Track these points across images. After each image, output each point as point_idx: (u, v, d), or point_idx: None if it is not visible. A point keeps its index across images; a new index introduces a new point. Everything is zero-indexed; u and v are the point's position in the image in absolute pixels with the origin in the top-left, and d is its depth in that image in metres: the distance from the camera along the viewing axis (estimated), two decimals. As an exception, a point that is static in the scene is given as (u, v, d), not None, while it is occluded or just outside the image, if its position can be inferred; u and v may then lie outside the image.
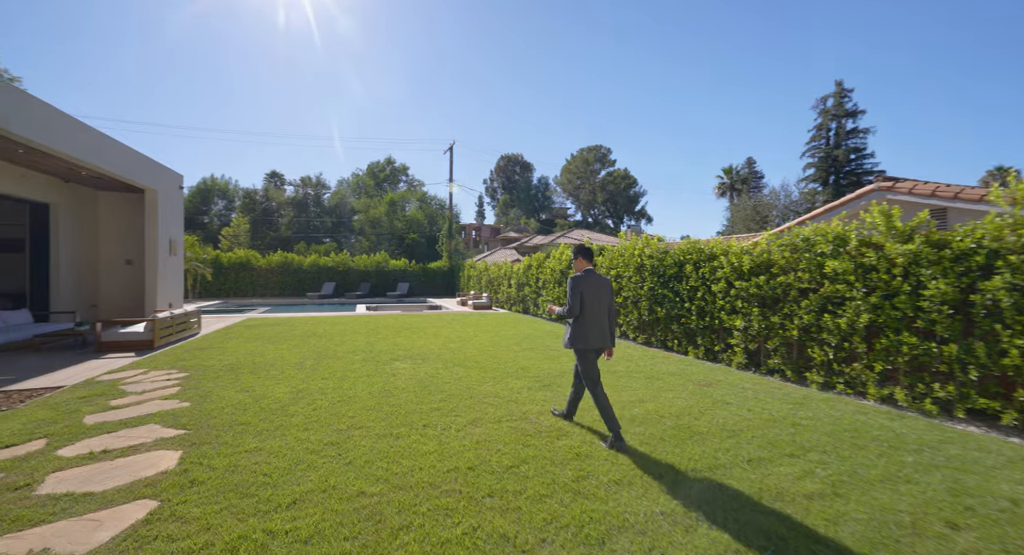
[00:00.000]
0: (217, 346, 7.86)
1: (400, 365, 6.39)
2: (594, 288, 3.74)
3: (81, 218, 11.03)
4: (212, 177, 48.82)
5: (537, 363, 6.58)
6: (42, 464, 3.02)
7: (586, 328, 3.72)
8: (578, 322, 3.74)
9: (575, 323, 3.76)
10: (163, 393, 4.82)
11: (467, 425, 3.92)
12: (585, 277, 3.77)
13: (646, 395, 4.93)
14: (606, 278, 3.90)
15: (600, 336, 3.76)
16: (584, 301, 3.70)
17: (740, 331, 6.48)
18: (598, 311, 3.76)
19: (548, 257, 13.82)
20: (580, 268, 3.91)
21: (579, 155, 69.99)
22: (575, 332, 3.75)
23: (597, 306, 3.75)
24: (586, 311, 3.71)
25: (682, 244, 7.96)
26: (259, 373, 5.80)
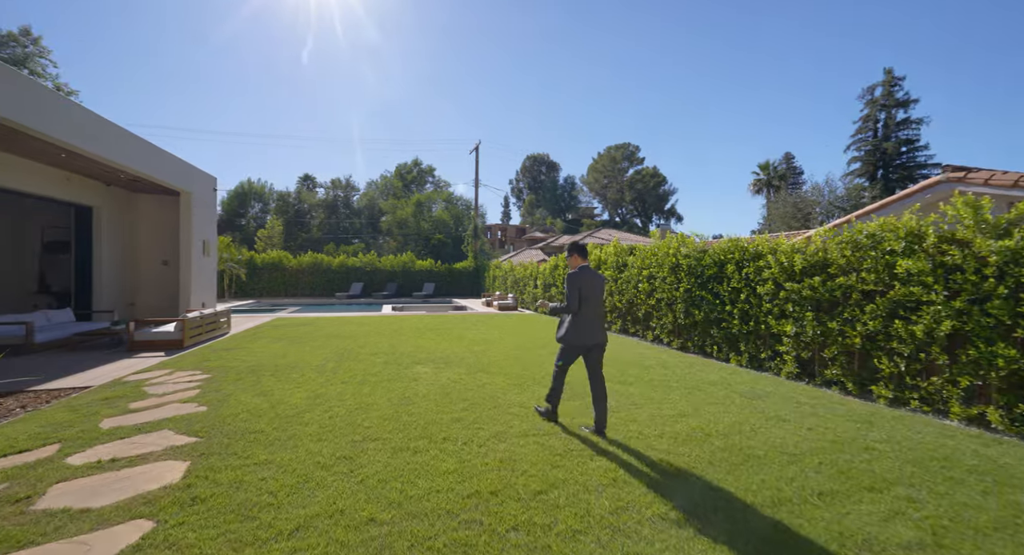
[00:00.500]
0: (243, 346, 7.87)
1: (422, 369, 6.14)
2: (590, 285, 3.79)
3: (122, 220, 11.44)
4: (249, 181, 50.71)
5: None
6: (48, 473, 2.90)
7: (582, 324, 3.78)
8: (576, 319, 3.79)
9: (572, 319, 3.80)
10: (183, 396, 4.73)
11: (490, 439, 3.59)
12: (581, 273, 3.81)
13: (687, 408, 4.46)
14: (601, 275, 3.93)
15: (595, 332, 3.82)
16: (581, 298, 3.73)
17: (791, 338, 5.87)
18: (594, 308, 3.81)
19: (575, 257, 13.37)
20: (575, 265, 3.94)
21: (606, 153, 68.76)
22: (572, 329, 3.79)
23: (593, 303, 3.80)
24: (583, 308, 3.75)
25: (723, 242, 7.38)
26: (280, 375, 5.68)
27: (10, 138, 7.01)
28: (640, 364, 6.67)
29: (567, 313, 3.81)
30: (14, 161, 8.18)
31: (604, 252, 11.43)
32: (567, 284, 3.80)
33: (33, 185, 8.70)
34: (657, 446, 3.48)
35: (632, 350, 7.95)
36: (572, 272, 3.87)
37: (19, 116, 6.08)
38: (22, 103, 6.18)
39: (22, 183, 8.47)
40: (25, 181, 8.51)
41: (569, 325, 3.80)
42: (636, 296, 9.57)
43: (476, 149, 28.47)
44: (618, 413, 4.28)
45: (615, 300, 10.41)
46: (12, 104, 5.98)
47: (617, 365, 6.53)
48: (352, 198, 54.03)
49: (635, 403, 4.62)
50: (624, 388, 5.22)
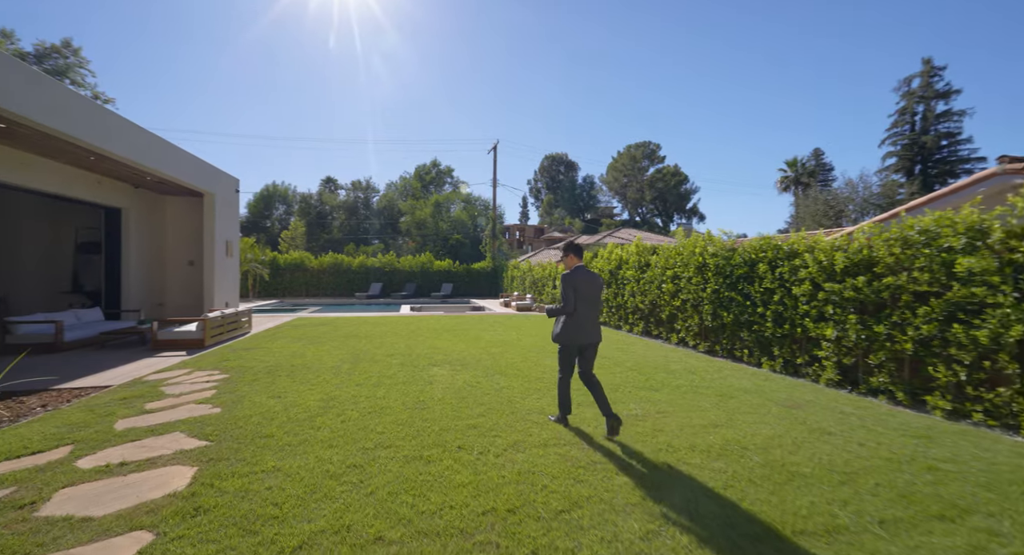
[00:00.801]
0: (263, 346, 7.89)
1: (438, 371, 5.98)
2: (586, 284, 3.80)
3: (150, 222, 11.73)
4: (273, 184, 52.02)
5: (586, 373, 5.92)
6: (56, 477, 2.83)
7: (578, 324, 3.78)
8: (571, 318, 3.79)
9: (567, 319, 3.80)
10: (198, 397, 4.69)
11: (507, 449, 3.38)
12: (576, 273, 3.83)
13: (720, 418, 4.14)
14: (597, 275, 3.93)
15: (591, 332, 3.83)
16: (577, 297, 3.75)
17: (831, 342, 5.46)
18: (590, 307, 3.83)
19: (596, 257, 13.04)
20: (571, 265, 3.96)
21: (626, 152, 67.75)
22: (567, 328, 3.80)
23: (589, 302, 3.82)
24: (578, 307, 3.76)
25: (754, 240, 6.97)
26: (295, 376, 5.60)
27: (44, 142, 7.21)
28: (666, 368, 6.35)
29: (563, 314, 3.82)
30: (49, 165, 8.43)
31: (626, 251, 11.08)
32: (562, 284, 3.81)
33: (67, 188, 8.96)
34: (689, 460, 3.20)
35: (656, 353, 7.62)
36: (567, 272, 3.88)
37: (53, 122, 6.21)
38: (55, 109, 6.32)
39: (57, 186, 8.73)
40: (60, 184, 8.77)
41: (565, 324, 3.81)
42: (659, 297, 9.20)
43: (494, 149, 28.37)
44: (644, 422, 4.00)
45: (637, 301, 10.06)
46: (47, 110, 6.11)
47: (642, 370, 6.23)
48: (372, 199, 54.76)
49: (662, 411, 4.34)
50: (650, 394, 4.93)
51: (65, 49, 39.08)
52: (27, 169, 8.01)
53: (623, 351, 7.77)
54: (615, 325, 11.31)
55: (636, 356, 7.30)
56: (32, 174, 8.13)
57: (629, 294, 10.43)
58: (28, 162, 7.97)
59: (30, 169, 8.06)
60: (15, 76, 5.80)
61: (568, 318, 3.80)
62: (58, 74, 36.95)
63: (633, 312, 10.37)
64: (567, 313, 3.78)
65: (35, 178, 8.22)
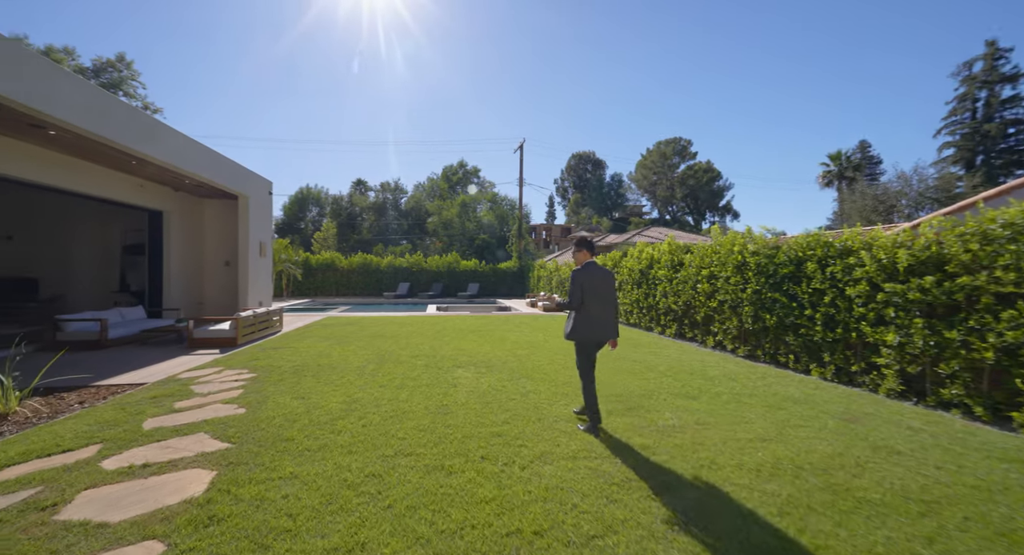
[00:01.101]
0: (291, 346, 7.99)
1: (462, 373, 5.82)
2: (596, 280, 3.79)
3: (189, 224, 12.19)
4: (307, 187, 53.72)
5: (618, 379, 5.62)
6: (81, 477, 2.83)
7: (589, 320, 3.79)
8: (580, 314, 3.79)
9: (578, 315, 3.80)
10: (226, 396, 4.71)
11: (534, 461, 3.16)
12: (586, 269, 3.83)
13: (769, 431, 3.77)
14: (609, 271, 3.94)
15: (603, 329, 3.82)
16: (585, 293, 3.75)
17: (892, 348, 4.93)
18: (601, 303, 3.81)
19: (625, 256, 12.61)
20: (582, 261, 3.96)
21: (656, 149, 66.11)
22: (577, 324, 3.80)
23: (600, 298, 3.80)
24: (588, 303, 3.76)
25: (800, 237, 6.46)
26: (320, 377, 5.58)
27: (87, 146, 7.55)
28: (703, 374, 5.95)
29: (569, 308, 3.85)
30: (94, 169, 8.86)
31: (657, 250, 10.63)
32: (571, 281, 3.82)
33: (111, 191, 9.39)
34: (736, 480, 2.88)
35: (692, 357, 7.20)
36: (577, 268, 3.88)
37: (96, 127, 6.47)
38: (98, 113, 6.58)
39: (102, 189, 9.16)
40: (104, 187, 9.20)
41: (576, 321, 3.81)
42: (694, 298, 8.74)
43: (520, 147, 28.16)
44: (683, 434, 3.69)
45: (670, 302, 9.61)
46: (85, 112, 6.37)
47: (677, 375, 5.86)
48: (400, 200, 55.71)
49: (702, 422, 4.00)
50: (688, 403, 4.59)
51: (119, 63, 41.63)
52: (74, 173, 8.42)
53: (656, 354, 7.39)
54: (646, 327, 10.87)
55: (670, 360, 6.92)
56: (79, 178, 8.55)
57: (661, 294, 9.99)
58: (74, 166, 8.38)
59: (77, 173, 8.48)
60: (63, 84, 6.05)
61: (578, 314, 3.80)
62: (113, 87, 39.43)
63: (666, 313, 9.92)
64: (573, 308, 3.80)
65: (81, 182, 8.64)
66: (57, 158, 7.98)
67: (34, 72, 5.58)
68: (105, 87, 38.96)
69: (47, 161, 7.82)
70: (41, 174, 7.80)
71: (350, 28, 66.34)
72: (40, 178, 7.81)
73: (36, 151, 7.59)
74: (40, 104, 5.60)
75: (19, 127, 6.47)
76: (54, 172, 7.99)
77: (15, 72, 5.27)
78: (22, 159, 7.35)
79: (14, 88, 5.20)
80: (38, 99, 5.56)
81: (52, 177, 8.00)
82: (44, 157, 7.76)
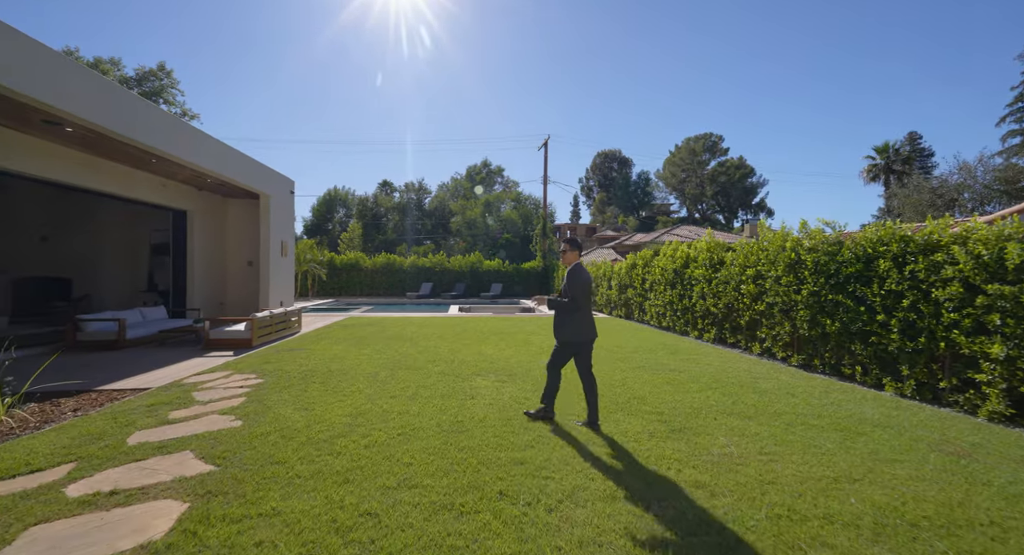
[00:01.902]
0: (307, 347, 7.68)
1: (481, 383, 5.29)
2: (588, 280, 3.80)
3: (213, 223, 12.21)
4: (335, 188, 54.74)
5: (656, 392, 4.96)
6: (35, 509, 2.44)
7: (586, 321, 3.81)
8: (580, 314, 3.78)
9: (579, 315, 3.78)
10: (225, 405, 4.35)
11: (563, 500, 2.58)
12: (581, 269, 3.83)
13: (854, 466, 3.05)
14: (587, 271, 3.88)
15: (592, 328, 3.86)
16: (584, 293, 3.75)
17: (998, 362, 4.08)
18: (589, 303, 3.85)
19: (657, 254, 11.82)
20: (572, 261, 3.93)
21: (685, 145, 64.03)
22: (575, 325, 3.79)
23: (588, 298, 3.82)
24: (585, 303, 3.77)
25: (869, 231, 5.61)
26: (329, 384, 5.17)
27: (110, 146, 7.47)
28: (754, 387, 5.21)
29: (573, 308, 3.76)
30: (119, 169, 8.85)
31: (694, 248, 9.82)
32: (571, 279, 3.76)
33: (136, 191, 9.39)
34: (830, 540, 2.21)
35: (737, 366, 6.42)
36: (575, 267, 3.83)
37: (115, 125, 6.32)
38: (110, 109, 6.43)
39: (127, 189, 9.17)
40: (129, 187, 9.20)
41: (573, 322, 3.78)
42: (737, 300, 7.92)
43: (545, 144, 27.54)
44: (745, 467, 3.02)
45: (708, 304, 8.81)
46: (95, 108, 6.21)
47: (724, 388, 5.14)
48: (424, 200, 56.03)
49: (766, 451, 3.31)
50: (743, 425, 3.90)
51: (160, 72, 43.48)
52: (97, 172, 8.41)
53: (695, 363, 6.65)
54: (681, 330, 10.07)
55: (713, 369, 6.18)
56: (102, 177, 8.53)
57: (698, 296, 9.19)
58: (97, 165, 8.36)
59: (99, 172, 8.46)
60: (86, 84, 5.91)
61: (578, 314, 3.77)
62: (154, 95, 41.21)
63: (703, 316, 9.11)
64: (577, 308, 3.75)
65: (104, 181, 8.63)
66: (79, 157, 7.96)
67: (44, 65, 5.42)
68: (146, 95, 40.76)
69: (69, 160, 7.80)
70: (65, 173, 7.79)
71: (377, 32, 67.28)
72: (64, 177, 7.81)
73: (59, 150, 7.57)
74: (52, 99, 5.44)
75: (32, 123, 6.38)
76: (77, 171, 7.97)
77: (24, 64, 5.10)
78: (44, 157, 7.33)
79: (19, 81, 5.03)
80: (49, 93, 5.40)
81: (76, 176, 7.98)
82: (67, 156, 7.73)
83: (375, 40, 71.06)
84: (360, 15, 65.51)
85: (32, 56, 5.26)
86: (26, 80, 5.08)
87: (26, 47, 5.19)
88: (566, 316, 3.82)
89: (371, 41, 72.50)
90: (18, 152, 6.92)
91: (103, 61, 39.90)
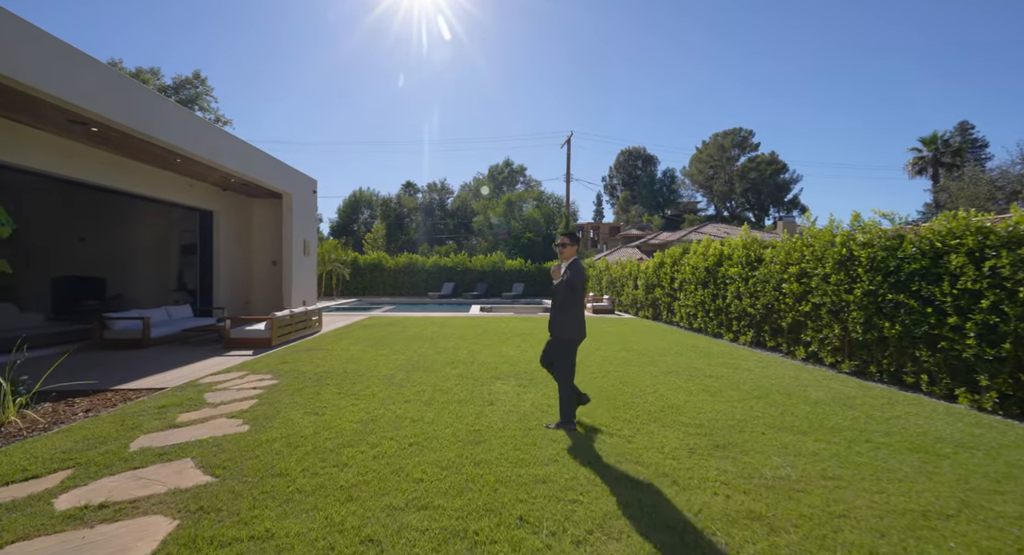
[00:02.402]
0: (325, 347, 7.56)
1: (501, 387, 4.97)
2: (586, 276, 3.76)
3: (238, 223, 12.37)
4: (360, 190, 55.68)
5: (693, 401, 4.51)
6: (18, 522, 2.26)
7: (582, 318, 3.71)
8: (576, 311, 3.69)
9: (572, 312, 3.67)
10: (236, 408, 4.18)
11: (594, 529, 2.22)
12: (580, 263, 3.72)
13: (943, 498, 2.56)
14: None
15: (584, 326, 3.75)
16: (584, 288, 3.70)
17: (1108, 375, 3.45)
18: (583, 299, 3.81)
19: (687, 252, 11.23)
20: (570, 256, 3.79)
21: (712, 141, 62.01)
22: (574, 322, 3.67)
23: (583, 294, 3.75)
24: (581, 299, 3.72)
25: (938, 223, 5.00)
26: (344, 386, 4.96)
27: (136, 146, 7.55)
28: (804, 397, 4.68)
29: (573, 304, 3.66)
30: (146, 170, 9.00)
31: (728, 245, 9.23)
32: (576, 273, 3.65)
33: (163, 191, 9.55)
34: (929, 598, 1.77)
35: (781, 373, 5.87)
36: (574, 262, 3.71)
37: (141, 125, 6.35)
38: (142, 112, 6.46)
39: (154, 190, 9.32)
40: (156, 188, 9.36)
41: (571, 319, 3.66)
42: (778, 300, 7.32)
43: (568, 141, 27.02)
44: (808, 495, 2.58)
45: (744, 304, 8.22)
46: (126, 110, 6.24)
47: (770, 397, 4.64)
48: (446, 201, 56.30)
49: (830, 474, 2.85)
50: (798, 441, 3.42)
51: (195, 80, 45.22)
52: (125, 173, 8.55)
53: (733, 368, 6.13)
54: (714, 332, 9.48)
55: (754, 375, 5.66)
56: (130, 178, 8.68)
57: (733, 296, 8.60)
58: (124, 166, 8.50)
59: (127, 173, 8.61)
60: (102, 80, 5.94)
61: (573, 311, 3.66)
62: (190, 102, 42.90)
63: (739, 318, 8.52)
64: (577, 304, 3.66)
65: (132, 182, 8.78)
66: (105, 157, 8.10)
67: (63, 64, 5.43)
68: (183, 102, 42.45)
69: (97, 160, 7.94)
70: (94, 174, 7.94)
71: (400, 35, 68.10)
72: (93, 178, 7.96)
73: (87, 151, 7.71)
74: (76, 98, 5.46)
75: (58, 123, 6.47)
76: (104, 171, 8.11)
77: (42, 61, 5.12)
78: (73, 157, 7.47)
79: (37, 78, 5.04)
80: (71, 92, 5.42)
81: (104, 177, 8.13)
82: (94, 156, 7.87)
83: (398, 46, 71.91)
84: (384, 18, 66.44)
85: (53, 54, 5.27)
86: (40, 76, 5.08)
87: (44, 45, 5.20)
88: (567, 312, 3.66)
89: (393, 46, 73.47)
90: (48, 152, 7.06)
91: (143, 71, 41.74)
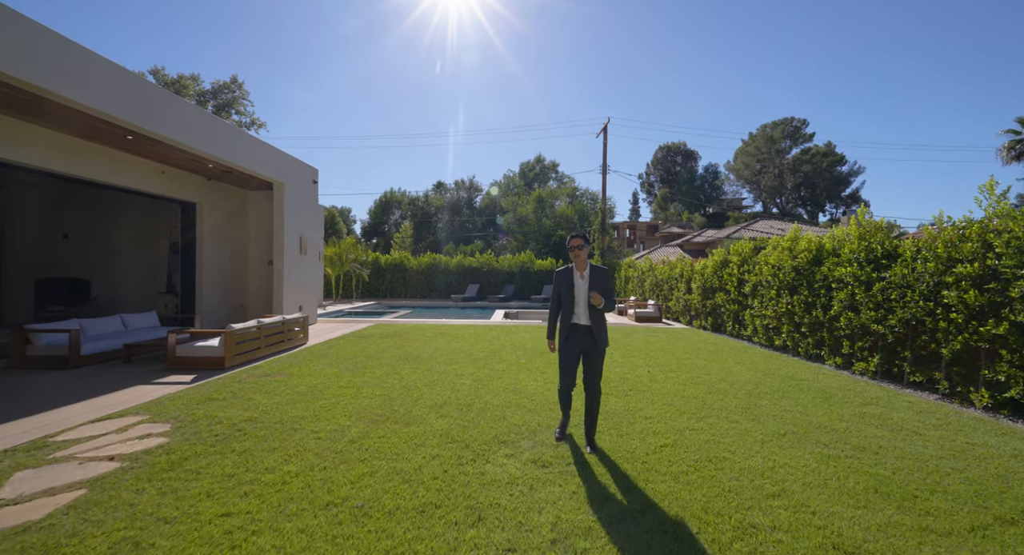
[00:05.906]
0: (289, 371, 5.78)
1: (505, 470, 2.92)
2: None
3: (227, 217, 10.92)
4: (391, 190, 55.21)
5: (859, 515, 2.28)
6: None
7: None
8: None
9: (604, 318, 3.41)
10: (26, 517, 2.36)
11: None
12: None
13: None
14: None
15: None
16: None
17: None
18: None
19: (763, 249, 8.77)
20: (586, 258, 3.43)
21: (760, 133, 57.33)
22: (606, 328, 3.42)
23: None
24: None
25: None
26: (249, 461, 3.08)
27: (90, 125, 6.08)
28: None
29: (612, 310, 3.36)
30: (105, 152, 7.61)
31: (833, 238, 6.77)
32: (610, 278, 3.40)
33: (128, 179, 8.16)
34: None
35: (976, 439, 3.46)
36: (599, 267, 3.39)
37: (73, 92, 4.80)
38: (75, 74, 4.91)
39: (119, 177, 7.95)
40: (121, 175, 7.98)
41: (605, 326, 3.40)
42: (932, 315, 4.86)
43: (604, 130, 24.58)
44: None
45: (863, 318, 5.78)
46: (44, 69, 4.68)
47: (1006, 503, 2.32)
48: (475, 199, 54.88)
49: None
50: None
51: (232, 84, 45.98)
52: (87, 159, 7.15)
53: (890, 428, 3.75)
54: (809, 354, 7.02)
55: (938, 449, 3.30)
56: (94, 164, 7.28)
57: (844, 306, 6.15)
58: (86, 150, 7.09)
59: (91, 158, 7.21)
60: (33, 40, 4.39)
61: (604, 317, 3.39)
62: (227, 106, 43.57)
63: (852, 336, 6.07)
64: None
65: (95, 169, 7.39)
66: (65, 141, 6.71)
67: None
68: (220, 107, 43.13)
69: (55, 145, 6.56)
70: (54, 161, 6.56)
71: (436, 37, 67.42)
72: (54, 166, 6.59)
73: (29, 129, 6.33)
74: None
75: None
76: (59, 158, 6.72)
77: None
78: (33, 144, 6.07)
79: None
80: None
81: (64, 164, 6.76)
82: (52, 140, 6.49)
83: (434, 45, 71.41)
84: (422, 19, 66.03)
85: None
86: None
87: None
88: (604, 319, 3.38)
89: (429, 47, 73.09)
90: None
91: (184, 76, 42.70)
